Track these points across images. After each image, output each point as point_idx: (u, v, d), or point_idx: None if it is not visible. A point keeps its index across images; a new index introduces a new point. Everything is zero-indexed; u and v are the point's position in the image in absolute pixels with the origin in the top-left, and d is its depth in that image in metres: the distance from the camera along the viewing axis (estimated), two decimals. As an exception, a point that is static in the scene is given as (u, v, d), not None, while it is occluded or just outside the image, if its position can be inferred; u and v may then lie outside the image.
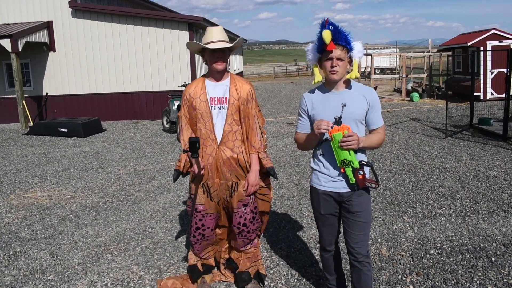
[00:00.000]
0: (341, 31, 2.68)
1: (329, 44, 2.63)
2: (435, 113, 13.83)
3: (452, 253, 4.13)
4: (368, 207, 2.89)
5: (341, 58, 2.69)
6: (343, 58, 2.70)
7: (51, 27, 15.45)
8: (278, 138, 10.76)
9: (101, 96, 15.65)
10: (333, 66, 2.70)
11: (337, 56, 2.68)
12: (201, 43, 3.14)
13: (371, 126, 2.86)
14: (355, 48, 2.75)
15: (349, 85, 2.83)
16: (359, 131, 2.79)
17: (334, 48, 2.66)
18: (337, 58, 2.69)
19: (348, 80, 2.82)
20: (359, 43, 2.77)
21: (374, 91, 2.90)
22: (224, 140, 3.19)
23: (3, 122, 16.20)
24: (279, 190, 6.35)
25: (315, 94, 2.90)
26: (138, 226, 5.22)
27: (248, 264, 3.48)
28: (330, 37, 2.62)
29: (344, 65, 2.72)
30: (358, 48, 2.76)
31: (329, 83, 2.83)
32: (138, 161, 8.87)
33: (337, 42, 2.66)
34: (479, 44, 15.68)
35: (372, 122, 2.84)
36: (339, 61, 2.70)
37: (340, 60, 2.70)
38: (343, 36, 2.68)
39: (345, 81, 2.82)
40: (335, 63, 2.69)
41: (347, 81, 2.83)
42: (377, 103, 2.83)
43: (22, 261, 4.39)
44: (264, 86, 30.75)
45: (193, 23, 14.86)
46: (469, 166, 7.23)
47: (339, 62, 2.70)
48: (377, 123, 2.85)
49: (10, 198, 6.60)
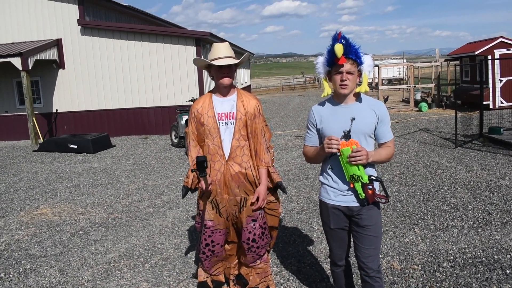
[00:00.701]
0: (352, 45, 2.68)
1: (340, 58, 2.62)
2: (444, 123, 13.74)
3: (466, 266, 4.06)
4: (378, 221, 2.85)
5: (351, 72, 2.68)
6: (353, 72, 2.69)
7: (60, 45, 15.67)
8: (287, 151, 10.73)
9: (110, 112, 15.77)
10: (343, 80, 2.68)
11: (347, 70, 2.67)
12: (207, 60, 3.15)
13: (380, 140, 2.84)
14: (365, 62, 2.74)
15: (359, 98, 2.82)
16: (368, 145, 2.77)
17: (345, 62, 2.65)
18: (347, 72, 2.67)
19: (357, 93, 2.81)
20: (369, 57, 2.77)
21: (384, 104, 2.89)
22: (232, 155, 3.18)
23: (14, 139, 16.37)
24: (288, 203, 6.31)
25: (324, 107, 2.87)
26: (147, 242, 5.20)
27: (258, 280, 3.44)
28: (342, 51, 2.62)
29: (354, 78, 2.71)
30: (368, 62, 2.75)
31: (338, 97, 2.81)
32: (147, 176, 8.89)
33: (348, 56, 2.65)
34: (486, 52, 15.62)
35: (382, 136, 2.82)
36: (349, 75, 2.68)
37: (350, 74, 2.68)
38: (353, 50, 2.67)
39: (355, 94, 2.80)
40: (345, 77, 2.68)
41: (356, 94, 2.81)
42: (386, 117, 2.81)
43: (32, 278, 4.39)
44: (272, 99, 30.81)
45: (200, 38, 14.98)
46: (481, 176, 7.14)
47: (349, 76, 2.68)
48: (387, 137, 2.83)
49: (20, 215, 6.62)
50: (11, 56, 13.87)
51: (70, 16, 15.44)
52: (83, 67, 15.70)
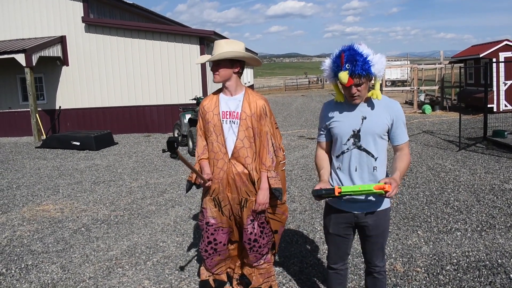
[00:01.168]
0: (358, 61, 2.46)
1: (347, 82, 2.49)
2: (448, 126, 13.70)
3: (469, 269, 4.03)
4: (386, 227, 2.84)
5: (360, 84, 2.54)
6: (363, 83, 2.54)
7: (64, 42, 15.68)
8: (290, 151, 10.71)
9: (113, 109, 15.78)
10: (353, 94, 2.57)
11: (356, 83, 2.53)
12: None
13: (395, 142, 2.74)
14: (375, 65, 2.53)
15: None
16: (377, 147, 2.69)
17: (352, 83, 2.50)
18: (356, 85, 2.54)
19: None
20: (380, 59, 2.54)
21: (399, 104, 2.76)
22: (235, 155, 3.15)
23: (17, 135, 16.39)
24: (291, 204, 6.29)
25: (336, 104, 2.77)
26: (149, 240, 5.19)
27: (261, 280, 3.43)
28: (347, 77, 2.47)
29: (365, 87, 2.57)
30: (379, 66, 2.54)
31: None
32: (149, 174, 8.88)
33: (355, 76, 2.49)
34: (491, 55, 15.56)
35: (396, 138, 2.72)
36: (360, 86, 2.55)
37: (360, 85, 2.55)
38: (360, 65, 2.47)
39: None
40: (354, 90, 2.55)
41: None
42: (401, 118, 2.70)
43: (33, 274, 4.38)
44: (275, 99, 30.79)
45: (204, 37, 14.97)
46: (484, 180, 7.11)
47: (359, 87, 2.55)
48: (402, 139, 2.73)
49: (23, 211, 6.62)
50: (15, 52, 13.88)
51: (75, 13, 15.45)
52: (86, 64, 15.71)
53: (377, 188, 2.48)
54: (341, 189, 2.55)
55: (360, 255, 4.34)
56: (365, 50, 2.51)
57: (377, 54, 2.55)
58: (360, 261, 4.22)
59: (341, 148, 2.72)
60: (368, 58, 2.49)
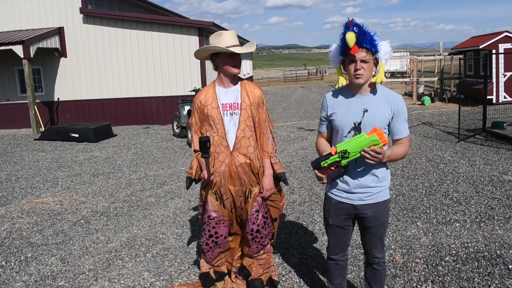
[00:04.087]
0: (366, 32, 2.52)
1: (353, 47, 2.48)
2: (447, 117, 13.69)
3: (468, 260, 4.04)
4: (386, 218, 2.84)
5: (365, 61, 2.54)
6: (368, 60, 2.55)
7: (62, 33, 15.59)
8: (289, 142, 10.70)
9: (111, 101, 15.73)
10: (357, 69, 2.55)
11: (362, 58, 2.53)
12: (221, 46, 3.02)
13: (395, 135, 2.71)
14: (381, 50, 2.57)
15: (374, 90, 2.68)
16: None
17: (358, 51, 2.51)
18: (362, 60, 2.53)
19: (373, 83, 2.67)
20: (386, 43, 2.60)
21: (401, 97, 2.74)
22: (236, 146, 3.15)
23: (15, 128, 16.35)
24: (290, 195, 6.29)
25: (338, 96, 2.76)
26: (148, 232, 5.19)
27: (260, 271, 3.43)
28: (354, 40, 2.46)
29: (369, 67, 2.57)
30: (385, 49, 2.58)
31: (353, 87, 2.68)
32: (148, 166, 8.87)
33: (362, 45, 2.51)
34: (491, 47, 15.51)
35: (396, 131, 2.70)
36: (364, 63, 2.54)
37: (364, 63, 2.55)
38: (368, 38, 2.51)
39: (370, 84, 2.67)
40: (359, 65, 2.54)
41: (372, 85, 2.68)
42: (402, 112, 2.68)
43: (33, 266, 4.39)
44: (274, 91, 30.73)
45: (203, 28, 14.90)
46: (483, 171, 7.12)
47: (363, 64, 2.55)
48: (402, 133, 2.70)
49: (22, 203, 6.62)
50: (13, 44, 13.80)
51: (73, 4, 15.34)
52: (85, 55, 15.63)
53: (369, 134, 2.48)
54: (337, 148, 2.55)
55: (359, 246, 4.35)
56: (372, 32, 2.57)
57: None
58: (359, 252, 4.23)
59: (342, 140, 2.71)
60: (375, 37, 2.55)
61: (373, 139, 2.46)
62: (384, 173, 2.76)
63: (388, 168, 2.82)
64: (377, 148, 2.48)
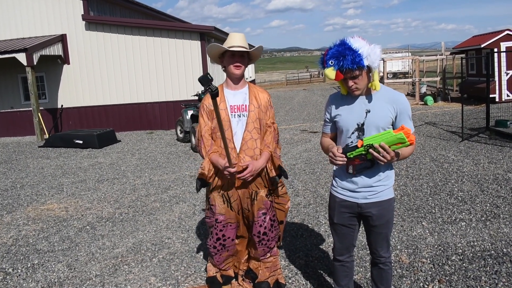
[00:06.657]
0: (346, 54, 2.46)
1: (336, 77, 2.51)
2: (450, 116, 13.66)
3: (474, 259, 4.03)
4: (391, 217, 2.84)
5: (355, 77, 2.54)
6: (358, 75, 2.53)
7: (65, 40, 15.68)
8: (292, 145, 10.71)
9: (115, 107, 15.79)
10: (351, 86, 2.58)
11: (351, 77, 2.54)
12: (222, 46, 3.10)
13: None
14: (368, 57, 2.48)
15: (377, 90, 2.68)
16: None
17: (342, 77, 2.53)
18: (351, 78, 2.55)
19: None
20: (374, 49, 2.51)
21: (404, 96, 2.73)
22: (243, 147, 3.17)
23: (19, 135, 16.42)
24: (295, 198, 6.29)
25: (341, 97, 2.77)
26: (154, 236, 5.20)
27: (267, 274, 3.44)
28: (333, 74, 2.49)
29: (362, 79, 2.56)
30: (373, 57, 2.50)
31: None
32: (153, 171, 8.89)
33: (344, 71, 2.49)
34: (492, 45, 15.49)
35: None
36: (355, 79, 2.55)
37: (355, 78, 2.55)
38: (349, 60, 2.45)
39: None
40: (351, 83, 2.56)
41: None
42: (406, 110, 2.67)
43: (40, 273, 4.40)
44: (277, 94, 30.75)
45: (205, 33, 14.95)
46: (488, 170, 7.10)
47: (355, 80, 2.55)
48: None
49: (27, 210, 6.65)
50: (16, 51, 13.89)
51: (75, 11, 15.43)
52: (87, 62, 15.71)
53: (396, 132, 2.47)
54: (364, 140, 2.54)
55: (365, 247, 4.34)
56: (356, 43, 2.49)
57: (372, 45, 2.53)
58: (365, 253, 4.22)
59: (346, 141, 2.74)
60: (359, 51, 2.47)
61: (400, 137, 2.45)
62: (388, 173, 2.78)
63: (392, 168, 2.83)
64: (386, 146, 2.47)
